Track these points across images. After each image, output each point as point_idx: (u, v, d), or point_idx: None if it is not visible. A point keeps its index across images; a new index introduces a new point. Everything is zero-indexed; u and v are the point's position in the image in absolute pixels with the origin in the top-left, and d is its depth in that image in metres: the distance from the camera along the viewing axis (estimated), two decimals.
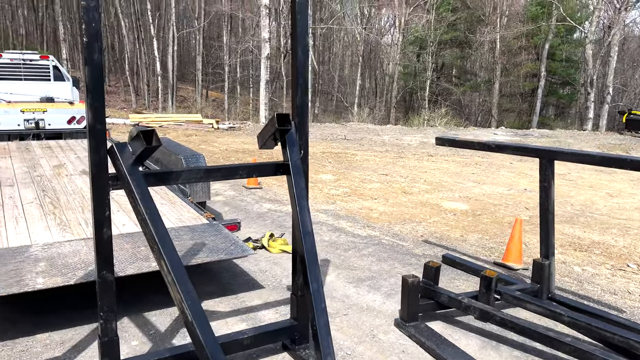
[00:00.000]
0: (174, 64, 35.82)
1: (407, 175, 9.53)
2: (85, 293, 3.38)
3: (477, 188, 8.57)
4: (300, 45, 2.90)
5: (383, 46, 40.93)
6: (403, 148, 14.10)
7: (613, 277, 4.68)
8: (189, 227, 4.31)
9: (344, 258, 4.93)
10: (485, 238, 5.82)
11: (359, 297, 4.03)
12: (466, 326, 3.56)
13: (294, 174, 2.89)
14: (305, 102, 2.98)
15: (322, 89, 44.49)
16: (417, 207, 7.12)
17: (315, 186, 8.32)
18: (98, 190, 2.44)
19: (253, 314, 3.71)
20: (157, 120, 19.18)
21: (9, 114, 9.20)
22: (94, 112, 2.37)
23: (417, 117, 31.15)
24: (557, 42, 35.32)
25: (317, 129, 19.31)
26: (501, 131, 19.57)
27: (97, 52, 2.33)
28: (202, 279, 4.30)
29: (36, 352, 3.11)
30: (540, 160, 3.74)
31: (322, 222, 6.21)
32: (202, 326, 2.32)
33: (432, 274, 3.63)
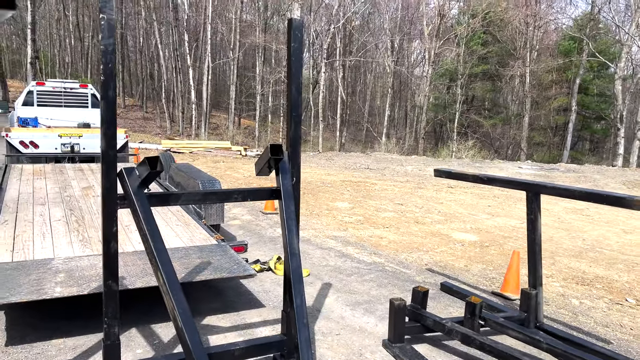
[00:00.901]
0: (208, 93, 37.03)
1: (423, 206, 9.69)
2: (99, 303, 3.71)
3: (490, 220, 8.67)
4: (294, 83, 3.23)
5: (413, 78, 41.34)
6: (424, 179, 14.25)
7: (609, 311, 4.74)
8: (198, 247, 4.62)
9: (345, 282, 5.15)
10: (489, 269, 5.94)
11: (353, 319, 4.23)
12: (450, 349, 3.72)
13: (285, 199, 3.18)
14: (298, 135, 3.29)
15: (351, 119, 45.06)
16: (427, 237, 7.28)
17: (330, 213, 8.58)
18: (107, 209, 2.78)
19: (251, 330, 3.96)
20: (187, 146, 19.88)
21: (48, 138, 9.85)
22: (107, 140, 2.73)
23: (444, 149, 31.24)
24: (590, 76, 35.11)
25: (342, 158, 19.64)
26: (527, 165, 19.48)
27: (111, 89, 2.70)
28: (207, 296, 4.59)
29: (50, 355, 3.43)
30: (527, 193, 3.93)
31: (331, 247, 6.45)
32: (190, 332, 2.60)
33: (419, 298, 3.82)
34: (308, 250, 6.27)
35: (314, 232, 7.20)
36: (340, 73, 37.62)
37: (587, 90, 35.32)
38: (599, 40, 32.91)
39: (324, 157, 19.89)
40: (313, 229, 7.43)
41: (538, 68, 33.48)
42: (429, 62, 36.21)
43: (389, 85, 38.98)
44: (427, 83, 35.70)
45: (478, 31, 35.97)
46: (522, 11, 32.39)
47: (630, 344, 4.07)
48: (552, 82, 36.04)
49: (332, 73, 39.55)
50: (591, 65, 33.10)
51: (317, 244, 6.58)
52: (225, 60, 42.95)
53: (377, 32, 44.48)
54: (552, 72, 35.20)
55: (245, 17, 41.45)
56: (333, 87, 44.53)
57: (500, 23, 35.41)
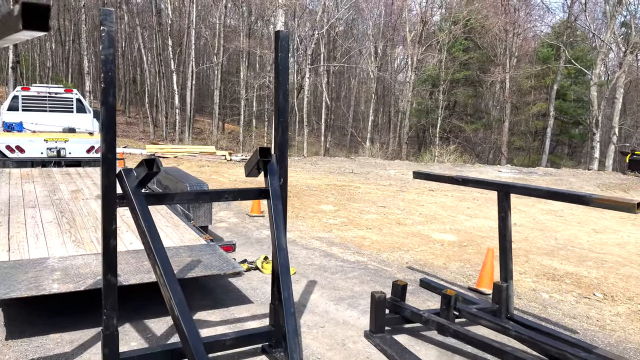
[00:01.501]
0: (192, 98, 37.06)
1: (405, 208, 9.98)
2: (94, 301, 3.88)
3: (468, 221, 8.99)
4: (282, 91, 3.47)
5: (396, 83, 41.87)
6: (407, 183, 14.58)
7: (577, 304, 5.05)
8: (188, 246, 4.82)
9: (330, 280, 5.38)
10: (467, 266, 6.23)
11: (337, 313, 4.47)
12: (428, 339, 3.98)
13: (273, 199, 3.41)
14: (285, 139, 3.52)
15: (336, 124, 45.40)
16: (408, 237, 7.56)
17: (315, 216, 8.81)
18: (107, 207, 2.98)
19: (240, 323, 4.17)
20: (172, 151, 19.97)
21: (34, 142, 9.94)
22: (107, 144, 2.94)
23: (427, 153, 31.72)
24: (568, 82, 35.98)
25: (326, 163, 19.90)
26: (506, 169, 19.96)
27: (111, 96, 2.91)
28: (198, 294, 4.79)
29: (49, 348, 3.60)
30: (498, 193, 4.21)
31: (316, 248, 6.68)
32: (186, 320, 2.81)
33: (399, 291, 4.07)
34: (294, 250, 6.49)
35: (300, 234, 7.43)
36: (325, 78, 37.96)
37: (565, 96, 36.19)
38: (576, 47, 33.78)
39: (309, 162, 20.13)
40: (299, 230, 7.66)
41: (517, 74, 34.22)
42: (411, 68, 36.75)
43: (373, 90, 39.43)
44: (410, 89, 36.20)
45: (460, 38, 36.65)
46: (502, 19, 33.10)
47: (596, 334, 4.37)
48: (531, 88, 36.83)
49: (316, 78, 39.90)
50: (569, 71, 33.94)
51: (302, 245, 6.81)
52: (209, 65, 43.02)
53: (360, 38, 45.03)
54: (531, 78, 35.98)
55: (229, 22, 41.65)
56: (317, 93, 44.84)
57: (481, 30, 36.12)
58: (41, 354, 3.50)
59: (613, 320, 4.68)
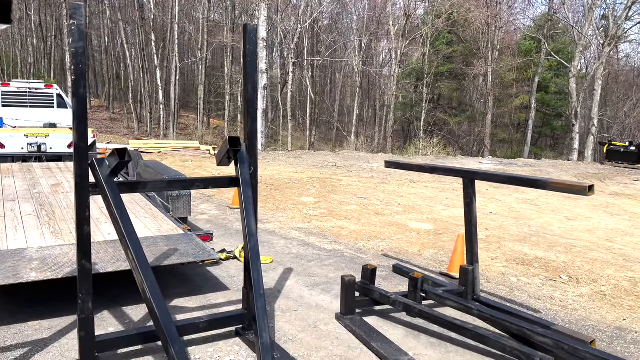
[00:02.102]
0: (177, 93, 36.90)
1: (384, 199, 10.16)
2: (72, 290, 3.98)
3: (446, 211, 9.19)
4: (250, 82, 3.59)
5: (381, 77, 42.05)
6: (388, 175, 14.76)
7: (542, 286, 5.26)
8: (166, 236, 4.93)
9: (306, 267, 5.53)
10: (441, 253, 6.41)
11: (311, 298, 4.62)
12: (397, 320, 4.14)
13: (243, 186, 3.53)
14: (254, 129, 3.65)
15: (321, 118, 45.51)
16: (385, 227, 7.73)
17: (295, 207, 8.95)
18: (80, 195, 3.09)
19: (216, 309, 4.30)
20: (156, 146, 19.95)
21: (14, 138, 9.94)
22: (79, 134, 3.04)
23: (412, 146, 31.98)
24: (550, 75, 36.46)
25: (310, 157, 20.02)
26: (487, 160, 20.26)
27: (82, 88, 3.01)
28: (176, 282, 4.90)
29: (27, 334, 3.70)
30: (464, 180, 4.38)
31: (294, 238, 6.82)
32: (158, 302, 2.93)
33: (368, 274, 4.23)
34: (272, 240, 6.63)
35: (279, 225, 7.56)
36: (309, 73, 38.01)
37: (547, 88, 36.68)
38: (557, 40, 34.24)
39: (293, 156, 20.24)
40: (278, 222, 7.79)
41: (500, 67, 34.59)
42: (396, 61, 36.95)
43: (358, 84, 39.58)
44: (395, 82, 36.41)
45: (443, 31, 36.92)
46: (484, 12, 33.39)
47: (557, 313, 4.57)
48: (513, 80, 37.25)
49: (301, 73, 39.91)
50: (550, 64, 34.41)
51: (281, 235, 6.95)
52: (193, 60, 42.83)
53: (345, 32, 45.09)
54: (513, 71, 36.39)
55: (213, 17, 41.46)
56: (302, 87, 44.87)
57: (464, 23, 36.40)
58: (19, 340, 3.60)
59: (575, 300, 4.89)
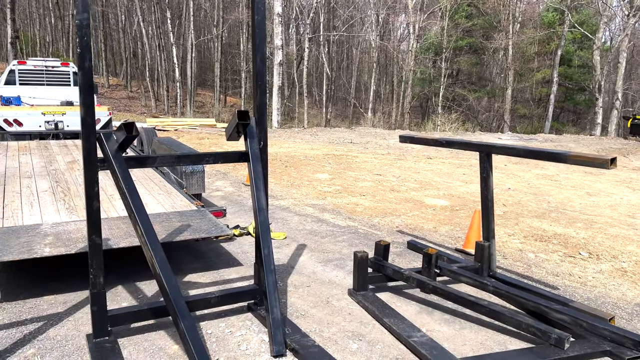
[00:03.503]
0: (193, 71, 36.86)
1: (400, 176, 10.04)
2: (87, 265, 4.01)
3: (463, 187, 9.05)
4: (259, 54, 3.50)
5: (399, 52, 41.36)
6: (405, 151, 14.60)
7: (561, 263, 5.15)
8: (179, 212, 4.93)
9: (319, 243, 5.49)
10: (456, 229, 6.32)
11: (324, 274, 4.59)
12: (410, 296, 4.09)
13: (253, 161, 3.48)
14: (264, 102, 3.57)
15: (338, 94, 45.13)
16: (401, 203, 7.64)
17: (310, 184, 8.90)
18: (88, 171, 3.06)
19: (229, 284, 4.30)
20: (172, 124, 20.02)
21: (32, 116, 10.02)
22: (86, 108, 3.00)
23: (429, 122, 31.59)
24: (573, 48, 35.43)
25: (326, 133, 19.90)
26: (507, 136, 19.90)
27: (87, 61, 2.96)
28: (189, 258, 4.91)
29: (43, 309, 3.74)
30: (480, 154, 4.26)
31: (308, 214, 6.78)
32: (167, 276, 2.92)
33: (381, 250, 4.18)
34: (286, 217, 6.60)
35: (294, 201, 7.53)
36: (325, 48, 37.55)
37: (569, 61, 35.71)
38: (581, 12, 33.16)
39: (309, 133, 20.14)
40: (293, 198, 7.76)
41: (521, 40, 33.71)
42: (414, 36, 36.28)
43: (375, 60, 39.02)
44: (412, 57, 35.81)
45: (462, 4, 35.99)
46: None
47: (576, 290, 4.47)
48: (535, 54, 36.35)
49: (317, 49, 39.48)
50: (574, 36, 33.40)
51: (295, 211, 6.92)
52: (209, 38, 42.59)
53: (362, 6, 44.27)
54: (535, 44, 35.47)
55: None
56: (319, 64, 44.43)
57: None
58: (35, 314, 3.65)
59: (595, 277, 4.78)
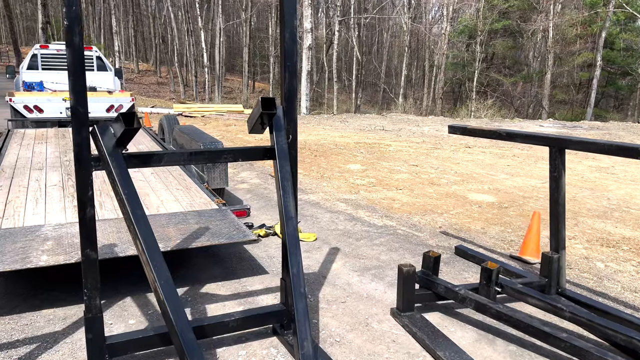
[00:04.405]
0: (221, 56, 36.45)
1: (439, 167, 9.32)
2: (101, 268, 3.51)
3: (509, 180, 8.28)
4: (288, 29, 2.88)
5: (431, 36, 40.04)
6: (441, 139, 13.80)
7: (638, 275, 4.41)
8: (197, 211, 4.38)
9: (354, 247, 4.89)
10: (508, 231, 5.62)
11: (360, 286, 3.98)
12: (465, 318, 3.46)
13: (280, 159, 2.87)
14: (293, 87, 2.95)
15: (367, 80, 44.15)
16: (442, 199, 6.96)
17: (341, 176, 8.28)
18: (81, 171, 2.51)
19: (252, 298, 3.74)
20: (199, 110, 19.61)
21: (52, 102, 9.64)
22: (76, 95, 2.45)
23: (463, 109, 30.43)
24: (617, 30, 33.53)
25: (357, 120, 19.19)
26: (548, 123, 18.80)
27: (77, 35, 2.39)
28: (208, 262, 4.37)
29: (38, 326, 3.25)
30: (550, 149, 3.56)
31: (341, 211, 6.17)
32: (173, 304, 2.36)
33: (430, 263, 3.54)
34: (317, 213, 6.01)
35: (324, 196, 6.93)
36: (356, 32, 36.56)
37: (613, 44, 33.84)
38: None
39: (338, 119, 19.45)
40: (323, 192, 7.16)
41: (562, 22, 32.03)
42: (447, 18, 34.97)
43: (406, 44, 37.86)
44: (445, 41, 34.54)
45: None
46: None
47: None
48: (576, 36, 34.53)
49: (347, 32, 38.53)
50: (618, 17, 31.56)
51: (326, 208, 6.31)
52: (237, 22, 42.06)
53: None
54: (576, 25, 33.68)
55: None
56: (348, 48, 43.49)
57: None
58: (28, 333, 3.16)
59: None
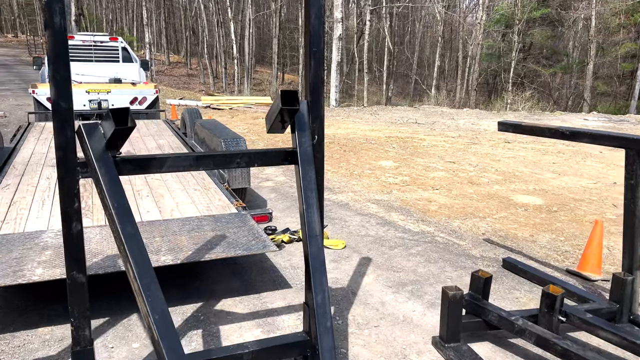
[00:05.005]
0: (251, 47, 36.15)
1: (478, 164, 8.70)
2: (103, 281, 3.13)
3: (556, 180, 7.62)
4: (314, 8, 2.39)
5: (465, 26, 38.83)
6: (478, 133, 13.09)
7: None
8: (214, 216, 3.96)
9: (387, 257, 4.39)
10: (560, 239, 5.02)
11: (396, 305, 3.49)
12: (521, 351, 2.93)
13: (303, 164, 2.40)
14: (319, 77, 2.47)
15: (399, 71, 43.23)
16: (484, 200, 6.38)
17: (372, 173, 7.77)
18: (65, 178, 2.10)
19: (272, 318, 3.30)
20: (227, 102, 19.30)
21: (76, 94, 9.35)
22: (57, 87, 2.02)
23: (499, 101, 29.35)
24: None
25: (387, 112, 18.55)
26: (592, 117, 17.77)
27: (58, 15, 1.96)
28: (226, 273, 3.95)
29: (32, 348, 2.89)
30: (627, 151, 2.99)
31: (372, 214, 5.67)
32: (169, 344, 1.92)
33: (480, 285, 3.02)
34: (346, 216, 5.53)
35: (354, 196, 6.43)
36: (387, 22, 35.69)
37: None
38: None
39: (369, 112, 18.85)
40: (352, 191, 6.66)
41: (605, 10, 30.50)
42: (482, 7, 33.75)
43: (439, 34, 36.81)
44: (481, 30, 33.36)
45: None
46: None
47: None
48: (619, 25, 32.88)
49: (378, 22, 37.70)
50: None
51: (356, 210, 5.82)
52: (267, 12, 41.68)
53: None
54: (619, 14, 32.03)
55: None
56: (379, 38, 42.63)
57: None
58: (20, 357, 2.79)
59: None
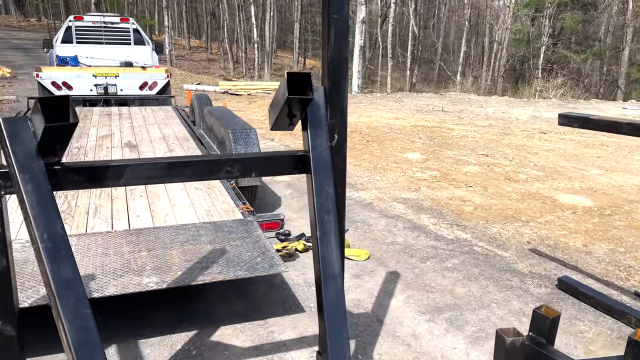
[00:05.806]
0: (272, 31, 35.41)
1: (513, 157, 7.93)
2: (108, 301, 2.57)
3: (604, 177, 6.83)
4: None
5: (492, 10, 37.40)
6: (510, 123, 12.25)
7: None
8: (214, 224, 3.35)
9: (419, 272, 3.73)
10: (619, 250, 4.30)
11: (431, 340, 2.84)
12: None
13: (317, 173, 1.75)
14: (342, 54, 1.80)
15: (423, 56, 42.05)
16: (525, 200, 5.65)
17: (398, 167, 7.08)
18: None
19: (280, 354, 2.68)
20: (245, 88, 18.69)
21: (82, 78, 8.87)
22: None
23: (527, 88, 28.14)
24: None
25: (412, 99, 17.73)
26: (632, 105, 16.68)
27: None
28: (228, 291, 3.34)
29: None
30: None
31: (399, 215, 5.01)
32: None
33: (545, 326, 2.34)
34: (369, 218, 4.88)
35: (378, 194, 5.77)
36: (412, 5, 34.51)
37: None
38: None
39: (392, 99, 18.04)
40: (377, 188, 6.00)
41: None
42: None
43: (466, 18, 35.51)
44: (510, 14, 32.01)
45: None
46: None
47: None
48: None
49: (402, 6, 36.55)
50: None
51: (380, 210, 5.16)
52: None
53: None
54: None
55: None
56: (403, 23, 41.45)
57: None
58: None
59: None
